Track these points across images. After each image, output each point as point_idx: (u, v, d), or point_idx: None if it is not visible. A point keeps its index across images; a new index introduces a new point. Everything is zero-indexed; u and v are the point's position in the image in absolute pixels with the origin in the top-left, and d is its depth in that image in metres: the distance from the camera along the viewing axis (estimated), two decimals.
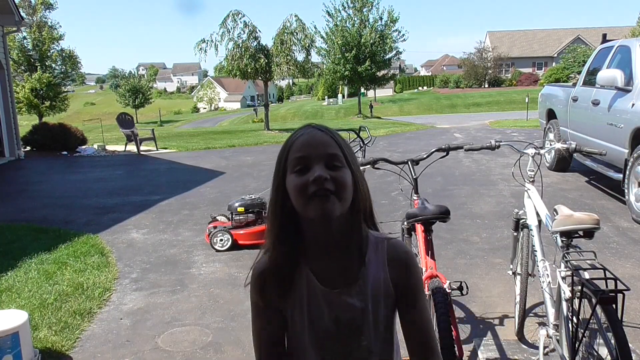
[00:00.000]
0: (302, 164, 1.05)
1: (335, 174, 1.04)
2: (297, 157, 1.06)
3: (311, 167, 1.04)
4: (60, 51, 29.42)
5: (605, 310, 1.76)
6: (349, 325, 1.11)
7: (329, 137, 1.08)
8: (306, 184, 1.03)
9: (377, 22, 28.08)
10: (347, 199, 1.06)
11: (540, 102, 8.72)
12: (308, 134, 1.09)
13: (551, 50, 54.34)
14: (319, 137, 1.08)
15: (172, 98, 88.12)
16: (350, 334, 1.11)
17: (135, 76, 69.76)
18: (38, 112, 27.62)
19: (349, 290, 1.11)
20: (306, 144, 1.07)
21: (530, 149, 2.72)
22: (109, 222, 5.94)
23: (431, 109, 37.97)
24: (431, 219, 2.34)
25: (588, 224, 2.16)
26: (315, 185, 1.02)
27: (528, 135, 12.35)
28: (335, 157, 1.06)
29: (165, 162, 10.99)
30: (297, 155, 1.07)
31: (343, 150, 1.08)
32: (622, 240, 4.65)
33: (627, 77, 5.61)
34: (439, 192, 6.69)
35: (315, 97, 64.77)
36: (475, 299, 3.44)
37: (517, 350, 2.81)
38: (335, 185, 1.03)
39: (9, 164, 11.20)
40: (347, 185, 1.05)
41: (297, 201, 1.06)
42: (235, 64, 17.14)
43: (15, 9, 11.81)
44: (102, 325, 3.37)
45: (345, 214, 1.07)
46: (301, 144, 1.08)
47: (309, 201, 1.03)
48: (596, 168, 6.22)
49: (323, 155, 1.05)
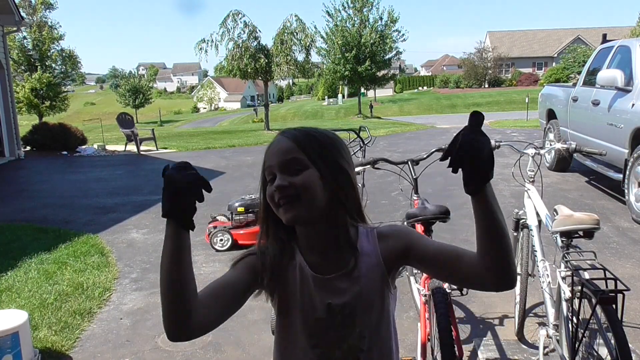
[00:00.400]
0: (271, 174, 1.11)
1: (295, 178, 1.07)
2: (265, 168, 1.13)
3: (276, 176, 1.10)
4: (61, 51, 29.41)
5: (605, 311, 1.77)
6: (341, 312, 1.12)
7: (292, 141, 1.11)
8: (273, 193, 1.09)
9: (377, 22, 28.09)
10: (315, 199, 1.08)
11: (540, 102, 8.72)
12: (275, 143, 1.14)
13: (551, 50, 54.34)
14: (280, 145, 1.12)
15: (172, 98, 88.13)
16: (342, 320, 1.12)
17: (135, 76, 69.75)
18: (38, 112, 27.61)
19: (341, 277, 1.12)
20: (270, 154, 1.13)
21: (530, 149, 2.72)
22: (109, 222, 5.94)
23: (431, 109, 37.97)
24: (431, 219, 2.34)
25: (588, 224, 2.16)
26: (278, 194, 1.08)
27: (528, 135, 12.35)
28: (294, 161, 1.09)
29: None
30: (265, 166, 1.13)
31: (307, 151, 1.09)
32: (622, 240, 4.65)
33: (627, 77, 5.61)
34: (439, 192, 6.68)
35: (315, 97, 64.77)
36: (475, 299, 3.44)
37: (517, 350, 2.81)
38: (297, 190, 1.07)
39: (9, 163, 11.20)
40: (309, 187, 1.07)
41: (274, 209, 1.12)
42: (236, 64, 17.15)
43: (16, 9, 11.82)
44: (102, 325, 3.37)
45: (325, 209, 1.10)
46: (268, 155, 1.13)
47: (279, 209, 1.10)
48: (596, 168, 6.22)
49: (282, 162, 1.09)
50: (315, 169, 1.09)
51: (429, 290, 2.10)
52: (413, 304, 3.24)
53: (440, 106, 39.18)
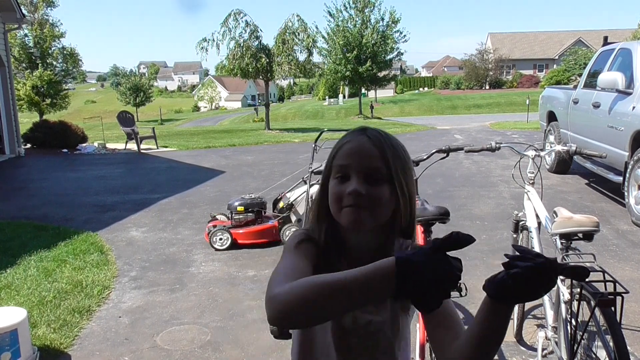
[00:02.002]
0: (343, 173, 1.06)
1: (372, 189, 1.04)
2: (339, 165, 1.07)
3: (350, 177, 1.05)
4: (62, 49, 29.35)
5: (604, 313, 1.77)
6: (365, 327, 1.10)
7: (377, 147, 1.06)
8: (342, 194, 1.05)
9: (378, 22, 28.10)
10: (382, 214, 1.05)
11: (541, 104, 8.72)
12: (355, 142, 1.08)
13: (552, 52, 54.34)
14: (364, 148, 1.06)
15: (173, 97, 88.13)
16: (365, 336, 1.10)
17: (136, 74, 69.69)
18: (39, 109, 27.61)
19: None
20: (350, 153, 1.07)
21: (530, 151, 2.72)
22: (108, 220, 5.94)
23: (432, 110, 37.97)
24: (431, 220, 2.35)
25: (587, 227, 2.17)
26: (350, 198, 1.03)
27: (528, 137, 12.35)
28: (376, 170, 1.05)
29: (166, 161, 10.99)
30: (339, 163, 1.07)
31: (389, 162, 1.05)
32: (621, 242, 4.65)
33: (628, 80, 5.61)
34: (439, 193, 6.68)
35: (316, 97, 64.76)
36: (474, 300, 3.44)
37: (515, 352, 2.81)
38: (370, 201, 1.03)
39: (9, 161, 11.20)
40: (381, 202, 1.04)
41: (332, 207, 1.07)
42: (237, 63, 17.15)
43: (17, 6, 11.81)
44: (101, 323, 3.37)
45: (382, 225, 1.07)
46: (345, 152, 1.07)
47: (342, 210, 1.05)
48: (596, 170, 6.22)
49: (364, 167, 1.05)
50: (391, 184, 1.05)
51: None
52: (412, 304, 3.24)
53: (440, 107, 39.18)
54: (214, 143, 14.18)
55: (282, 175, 7.26)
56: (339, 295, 0.83)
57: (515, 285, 0.80)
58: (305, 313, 0.86)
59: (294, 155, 10.73)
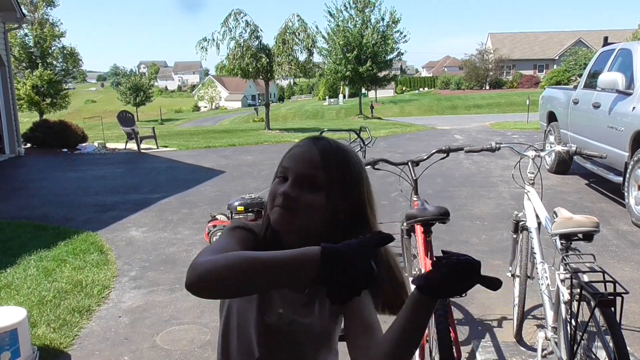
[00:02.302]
0: (283, 174, 1.09)
1: (304, 195, 1.06)
2: (282, 166, 1.10)
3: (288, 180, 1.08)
4: (62, 48, 29.37)
5: (604, 313, 1.77)
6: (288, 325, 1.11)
7: (321, 157, 1.08)
8: (276, 194, 1.08)
9: (378, 22, 28.11)
10: (310, 221, 1.07)
11: (541, 105, 8.72)
12: (303, 148, 1.10)
13: (552, 52, 54.35)
14: (308, 155, 1.08)
15: (173, 96, 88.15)
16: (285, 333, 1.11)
17: (136, 74, 69.66)
18: (39, 109, 27.62)
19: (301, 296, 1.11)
20: (294, 157, 1.10)
21: (530, 151, 2.72)
22: (108, 220, 5.94)
23: (432, 110, 37.98)
24: (431, 220, 2.34)
25: (587, 227, 2.16)
26: (280, 198, 1.06)
27: (528, 137, 12.35)
28: (312, 178, 1.06)
29: (166, 161, 10.99)
30: (283, 164, 1.10)
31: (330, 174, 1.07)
32: (621, 243, 4.65)
33: (628, 81, 5.61)
34: (439, 194, 6.68)
35: (316, 97, 64.77)
36: (474, 301, 3.44)
37: (515, 352, 2.81)
38: (299, 205, 1.05)
39: (9, 160, 11.20)
40: (311, 208, 1.06)
41: (267, 204, 1.11)
42: (237, 63, 17.14)
43: (17, 6, 11.81)
44: (101, 323, 3.37)
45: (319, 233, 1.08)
46: (291, 156, 1.11)
47: (273, 209, 1.08)
48: (596, 171, 6.22)
49: (301, 172, 1.07)
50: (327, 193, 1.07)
51: None
52: None
53: (440, 107, 39.19)
54: (214, 143, 14.18)
55: None
56: (261, 271, 0.86)
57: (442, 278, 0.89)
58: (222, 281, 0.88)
59: None
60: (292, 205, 1.05)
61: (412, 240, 2.64)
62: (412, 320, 0.94)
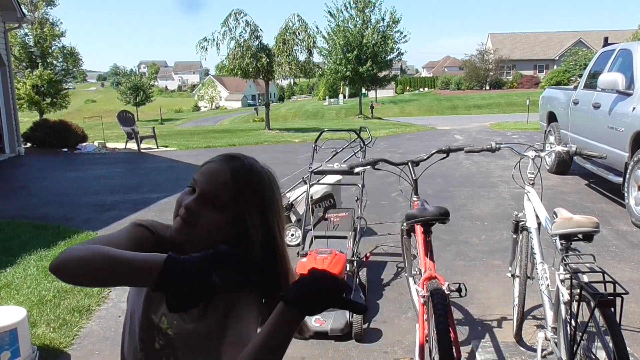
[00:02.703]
0: (193, 186, 1.11)
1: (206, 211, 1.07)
2: (193, 178, 1.12)
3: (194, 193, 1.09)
4: (62, 48, 29.37)
5: (604, 314, 1.77)
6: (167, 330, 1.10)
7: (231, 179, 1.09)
8: (180, 204, 1.10)
9: (379, 22, 28.12)
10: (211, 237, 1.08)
11: (541, 105, 8.72)
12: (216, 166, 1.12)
13: (553, 52, 54.35)
14: (218, 174, 1.10)
15: (173, 96, 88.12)
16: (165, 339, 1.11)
17: (136, 74, 69.66)
18: (39, 108, 27.61)
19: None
20: (205, 172, 1.11)
21: (530, 151, 2.72)
22: (108, 219, 5.94)
23: (432, 111, 38.00)
24: (431, 221, 2.34)
25: (587, 227, 2.16)
26: (182, 209, 1.08)
27: (528, 137, 12.35)
28: (216, 197, 1.08)
29: (166, 160, 10.99)
30: (194, 176, 1.12)
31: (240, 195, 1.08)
32: (621, 243, 4.65)
33: (628, 81, 5.61)
34: (439, 194, 6.68)
35: (316, 97, 64.78)
36: (473, 301, 3.44)
37: (515, 353, 2.81)
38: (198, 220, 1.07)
39: (9, 160, 11.20)
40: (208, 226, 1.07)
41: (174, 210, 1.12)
42: (237, 63, 17.14)
43: (17, 6, 11.81)
44: (101, 323, 3.37)
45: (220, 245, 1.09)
46: (203, 170, 1.12)
47: (175, 217, 1.10)
48: (596, 171, 6.22)
49: (207, 190, 1.08)
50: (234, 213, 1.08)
51: (427, 292, 2.10)
52: (411, 305, 3.24)
53: (441, 107, 39.20)
54: (214, 143, 14.18)
55: (282, 175, 7.23)
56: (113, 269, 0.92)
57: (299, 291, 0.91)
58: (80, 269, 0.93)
59: (294, 155, 10.73)
60: (191, 219, 1.07)
61: (412, 241, 2.64)
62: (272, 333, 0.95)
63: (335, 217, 4.02)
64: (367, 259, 4.08)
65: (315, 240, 3.72)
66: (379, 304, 3.49)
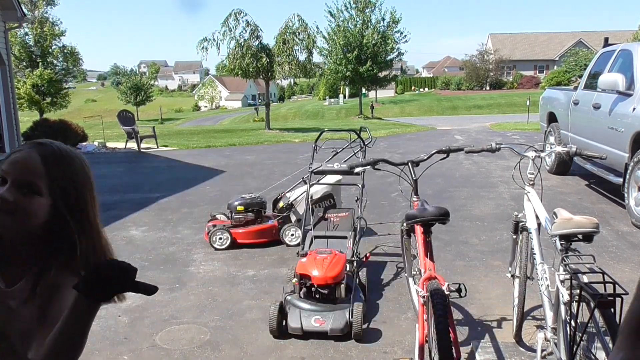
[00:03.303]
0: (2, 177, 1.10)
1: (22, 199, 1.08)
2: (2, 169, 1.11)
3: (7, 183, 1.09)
4: (62, 47, 29.38)
5: (604, 314, 1.77)
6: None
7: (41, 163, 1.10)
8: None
9: (379, 23, 28.11)
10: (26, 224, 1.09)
11: (542, 105, 8.72)
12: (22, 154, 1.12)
13: (553, 53, 54.35)
14: (25, 161, 1.10)
15: (173, 96, 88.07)
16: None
17: (136, 74, 69.68)
18: (39, 108, 27.64)
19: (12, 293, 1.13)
20: (12, 162, 1.11)
21: (530, 151, 2.71)
22: (108, 219, 5.94)
23: (432, 111, 37.98)
24: (430, 221, 2.34)
25: (587, 228, 2.16)
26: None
27: (529, 138, 12.35)
28: (29, 184, 1.09)
29: (166, 160, 10.99)
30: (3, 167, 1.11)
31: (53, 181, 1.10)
32: (621, 244, 4.65)
33: (629, 82, 5.61)
34: (439, 194, 6.68)
35: (317, 97, 64.76)
36: (473, 301, 3.44)
37: (514, 353, 2.81)
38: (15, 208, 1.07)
39: None
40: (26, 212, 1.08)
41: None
42: (237, 63, 17.14)
43: (18, 5, 11.80)
44: (100, 323, 3.37)
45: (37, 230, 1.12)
46: (9, 160, 1.12)
47: None
48: (596, 172, 6.21)
49: (19, 178, 1.09)
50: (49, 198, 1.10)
51: (427, 292, 2.10)
52: (411, 305, 3.25)
53: (441, 108, 39.19)
54: (214, 142, 14.18)
55: (282, 175, 7.25)
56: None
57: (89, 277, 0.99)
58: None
59: (294, 155, 10.73)
60: (9, 208, 1.07)
61: (412, 241, 2.64)
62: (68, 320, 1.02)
63: (335, 217, 4.02)
64: (367, 259, 4.08)
65: (315, 240, 3.73)
66: (378, 304, 3.50)
